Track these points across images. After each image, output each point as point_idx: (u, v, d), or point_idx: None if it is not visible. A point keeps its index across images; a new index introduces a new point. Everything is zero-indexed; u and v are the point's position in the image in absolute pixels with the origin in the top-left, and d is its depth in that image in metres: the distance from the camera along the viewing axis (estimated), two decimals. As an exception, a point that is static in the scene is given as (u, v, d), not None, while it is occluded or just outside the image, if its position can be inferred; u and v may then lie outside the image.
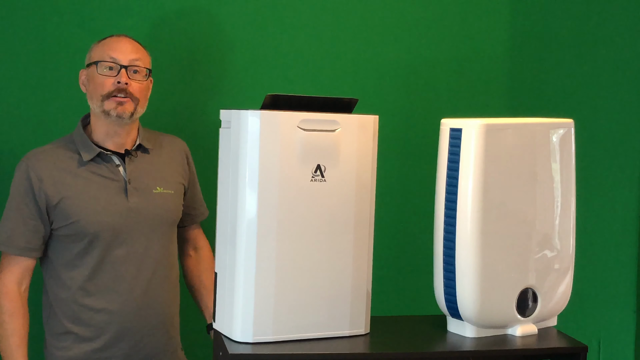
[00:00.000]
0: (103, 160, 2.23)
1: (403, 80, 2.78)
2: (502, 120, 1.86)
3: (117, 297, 2.20)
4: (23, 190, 2.19)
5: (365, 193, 1.85)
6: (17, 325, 2.18)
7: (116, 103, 2.19)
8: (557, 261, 1.93)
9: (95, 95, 2.21)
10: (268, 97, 1.78)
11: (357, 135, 1.83)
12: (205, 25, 2.66)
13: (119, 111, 2.19)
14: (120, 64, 2.20)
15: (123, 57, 2.21)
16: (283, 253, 1.77)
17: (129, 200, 2.21)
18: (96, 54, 2.23)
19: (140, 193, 2.24)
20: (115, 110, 2.19)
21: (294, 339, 1.79)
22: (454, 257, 1.82)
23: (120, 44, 2.23)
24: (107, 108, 2.19)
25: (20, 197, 2.19)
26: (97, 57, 2.22)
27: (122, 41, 2.24)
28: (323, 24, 2.72)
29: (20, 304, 2.20)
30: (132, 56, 2.22)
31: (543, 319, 1.94)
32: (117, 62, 2.20)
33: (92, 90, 2.22)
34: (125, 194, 2.22)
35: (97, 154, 2.23)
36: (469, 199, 1.79)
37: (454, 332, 1.90)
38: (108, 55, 2.21)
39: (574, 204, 1.95)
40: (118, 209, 2.20)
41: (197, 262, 2.44)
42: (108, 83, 2.19)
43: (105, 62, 2.20)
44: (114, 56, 2.20)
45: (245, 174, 1.75)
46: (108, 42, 2.24)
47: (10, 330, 2.18)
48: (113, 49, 2.22)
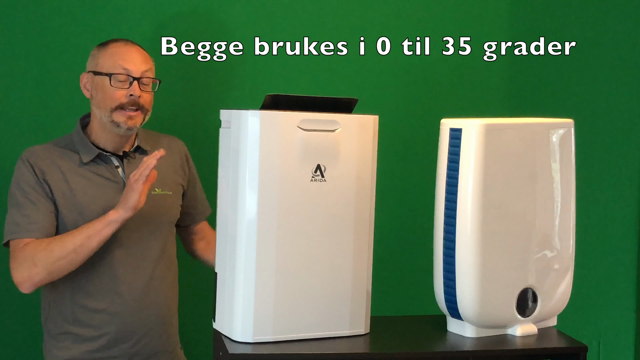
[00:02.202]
0: (102, 161, 2.23)
1: (403, 80, 2.79)
2: (502, 120, 1.86)
3: (116, 298, 2.20)
4: (28, 180, 2.16)
5: (365, 193, 1.85)
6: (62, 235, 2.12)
7: (127, 117, 2.17)
8: (557, 261, 1.93)
9: (104, 105, 2.18)
10: (268, 97, 1.78)
11: (357, 135, 1.83)
12: (205, 25, 2.66)
13: (130, 125, 2.18)
14: (133, 76, 2.17)
15: (135, 69, 2.18)
16: (283, 253, 1.77)
17: None
18: (106, 64, 2.19)
19: None
20: (125, 123, 2.18)
21: (294, 339, 1.79)
22: (454, 257, 1.82)
23: (131, 55, 2.20)
24: (117, 120, 2.18)
25: (29, 186, 2.16)
26: (108, 67, 2.18)
27: (132, 51, 2.21)
28: (323, 23, 2.72)
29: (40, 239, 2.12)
30: (143, 67, 2.20)
31: (543, 319, 1.94)
32: (129, 73, 2.17)
33: (101, 100, 2.19)
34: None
35: (97, 155, 2.22)
36: (469, 199, 1.79)
37: (454, 332, 1.90)
38: (120, 66, 2.17)
39: (574, 204, 1.95)
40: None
41: (208, 244, 2.42)
42: (120, 95, 2.17)
43: (118, 74, 2.17)
44: (127, 67, 2.17)
45: (245, 174, 1.75)
46: (117, 51, 2.20)
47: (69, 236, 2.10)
48: (124, 60, 2.18)
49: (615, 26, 2.93)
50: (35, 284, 2.12)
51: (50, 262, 2.09)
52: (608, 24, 2.92)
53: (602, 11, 2.92)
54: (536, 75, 2.88)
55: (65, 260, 2.09)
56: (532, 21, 2.86)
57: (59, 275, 2.12)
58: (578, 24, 2.90)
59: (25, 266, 2.10)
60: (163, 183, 2.28)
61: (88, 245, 2.09)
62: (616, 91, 2.96)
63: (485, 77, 2.83)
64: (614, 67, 2.94)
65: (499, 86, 2.86)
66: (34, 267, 2.09)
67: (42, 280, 2.11)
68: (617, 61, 2.94)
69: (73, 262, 2.11)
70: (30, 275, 2.10)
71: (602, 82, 2.94)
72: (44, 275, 2.10)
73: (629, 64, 2.95)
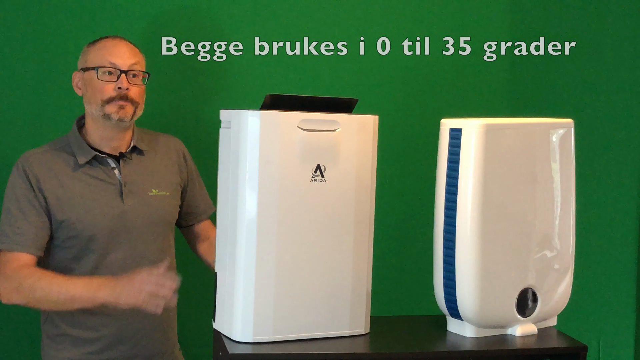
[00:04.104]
0: (99, 163, 2.23)
1: (403, 80, 2.78)
2: (502, 120, 1.86)
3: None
4: (23, 190, 2.17)
5: (365, 193, 1.85)
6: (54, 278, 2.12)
7: (117, 107, 2.18)
8: (557, 261, 1.93)
9: (95, 100, 2.20)
10: (268, 97, 1.78)
11: (357, 135, 1.83)
12: (205, 24, 2.66)
13: (121, 115, 2.19)
14: (120, 69, 2.19)
15: (122, 62, 2.20)
16: (283, 253, 1.77)
17: (124, 203, 2.21)
18: (94, 59, 2.21)
19: (136, 195, 2.24)
20: (117, 114, 2.18)
21: (294, 338, 1.79)
22: (454, 257, 1.82)
23: (118, 49, 2.22)
24: (109, 112, 2.18)
25: (22, 197, 2.17)
26: (95, 62, 2.20)
27: (119, 45, 2.23)
28: (323, 23, 2.72)
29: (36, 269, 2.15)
30: (131, 61, 2.21)
31: (543, 319, 1.94)
32: (116, 67, 2.19)
33: (91, 95, 2.20)
34: (121, 197, 2.22)
35: (93, 157, 2.22)
36: (469, 199, 1.79)
37: (454, 332, 1.90)
38: (107, 60, 2.19)
39: (573, 204, 1.95)
40: (114, 211, 2.20)
41: (210, 246, 2.38)
42: (109, 88, 2.18)
43: (105, 67, 2.19)
44: (113, 61, 2.19)
45: (245, 174, 1.75)
46: (105, 45, 2.22)
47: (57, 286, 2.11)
48: (111, 54, 2.20)
49: (615, 26, 2.93)
50: (10, 302, 2.16)
51: (30, 297, 2.12)
52: (608, 24, 2.92)
53: (602, 11, 2.92)
54: (536, 75, 2.88)
55: (45, 304, 2.17)
56: (532, 21, 2.86)
57: (37, 308, 2.21)
58: (578, 24, 2.89)
59: (9, 285, 2.13)
60: (160, 184, 2.28)
61: (69, 305, 2.12)
62: (616, 91, 2.95)
63: (485, 77, 2.83)
64: (614, 67, 2.93)
65: (499, 86, 2.86)
66: (15, 292, 2.13)
67: (19, 304, 2.16)
68: (617, 61, 2.94)
69: (52, 308, 2.19)
70: (9, 295, 2.14)
71: (602, 82, 2.94)
72: (22, 302, 2.15)
73: (629, 64, 2.95)
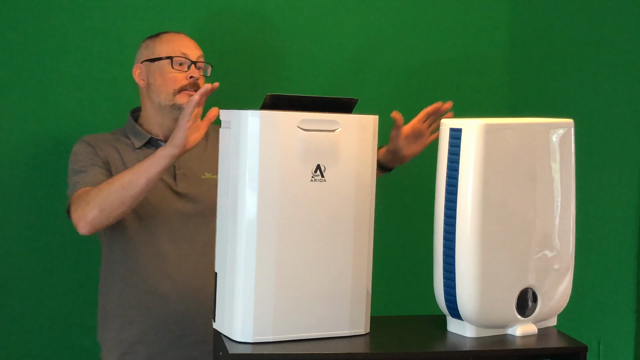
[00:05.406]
0: (153, 146, 2.31)
1: (403, 80, 2.79)
2: (502, 120, 1.86)
3: (166, 281, 2.24)
4: (84, 152, 2.24)
5: (365, 193, 1.85)
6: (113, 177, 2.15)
7: (188, 97, 2.26)
8: (557, 261, 1.93)
9: (165, 89, 2.29)
10: (268, 97, 1.78)
11: (357, 135, 1.83)
12: (205, 25, 2.66)
13: None
14: (191, 60, 2.32)
15: (192, 53, 2.33)
16: (283, 253, 1.77)
17: (177, 185, 2.29)
18: (165, 49, 2.31)
19: (188, 178, 2.31)
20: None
21: (294, 339, 1.79)
22: (454, 257, 1.82)
23: (186, 41, 2.36)
24: (180, 102, 2.28)
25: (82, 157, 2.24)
26: (167, 52, 2.31)
27: (185, 38, 2.37)
28: (323, 23, 2.72)
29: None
30: (198, 52, 2.36)
31: (543, 319, 1.94)
32: (187, 57, 2.32)
33: (161, 85, 2.29)
34: (174, 179, 2.29)
35: (148, 140, 2.31)
36: (469, 199, 1.79)
37: (454, 332, 1.90)
38: (179, 51, 2.32)
39: (573, 204, 1.95)
40: (167, 193, 2.27)
41: None
42: (181, 77, 2.30)
43: (178, 57, 2.31)
44: (184, 52, 2.32)
45: (245, 174, 1.74)
46: (172, 38, 2.34)
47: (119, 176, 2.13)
48: (181, 45, 2.33)
49: (615, 26, 2.93)
50: (89, 222, 2.12)
51: (100, 199, 2.11)
52: (608, 24, 2.92)
53: (602, 11, 2.92)
54: (536, 75, 2.88)
55: (115, 197, 2.10)
56: (532, 21, 2.86)
57: (113, 213, 2.12)
58: (578, 24, 2.90)
59: (80, 206, 2.13)
60: (213, 167, 2.28)
61: (136, 181, 2.09)
62: (616, 91, 2.95)
63: (485, 77, 2.83)
64: (614, 67, 2.94)
65: (499, 86, 2.86)
66: (87, 206, 2.12)
67: (95, 217, 2.12)
68: (617, 61, 2.94)
69: (124, 199, 2.11)
70: (84, 213, 2.12)
71: (602, 82, 2.94)
72: (96, 213, 2.11)
73: (629, 64, 2.95)
